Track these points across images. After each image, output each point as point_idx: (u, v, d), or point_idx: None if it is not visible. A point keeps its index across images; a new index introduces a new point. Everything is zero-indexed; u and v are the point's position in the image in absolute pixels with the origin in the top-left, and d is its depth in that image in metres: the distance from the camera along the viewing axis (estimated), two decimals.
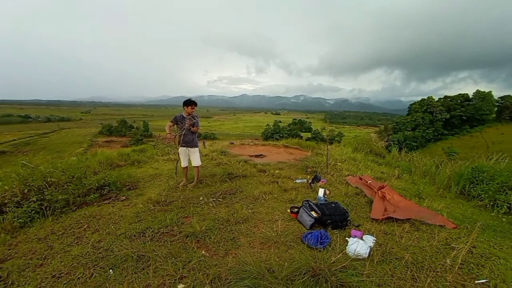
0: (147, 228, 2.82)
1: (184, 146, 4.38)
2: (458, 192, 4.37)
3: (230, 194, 3.92)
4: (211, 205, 3.50)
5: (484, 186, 4.02)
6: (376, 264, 2.02)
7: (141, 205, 3.55)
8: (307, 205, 2.92)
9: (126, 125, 73.11)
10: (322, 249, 2.25)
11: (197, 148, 4.48)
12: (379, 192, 3.73)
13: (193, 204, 3.54)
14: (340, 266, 1.89)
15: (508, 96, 52.96)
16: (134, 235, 2.67)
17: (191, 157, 4.46)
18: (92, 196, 3.89)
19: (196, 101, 4.39)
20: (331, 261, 1.94)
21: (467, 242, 2.48)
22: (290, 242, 2.43)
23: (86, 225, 3.05)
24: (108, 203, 3.80)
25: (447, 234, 2.60)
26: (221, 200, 3.68)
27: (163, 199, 3.68)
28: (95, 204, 3.76)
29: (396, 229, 2.72)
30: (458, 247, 2.31)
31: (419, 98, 57.14)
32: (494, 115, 51.99)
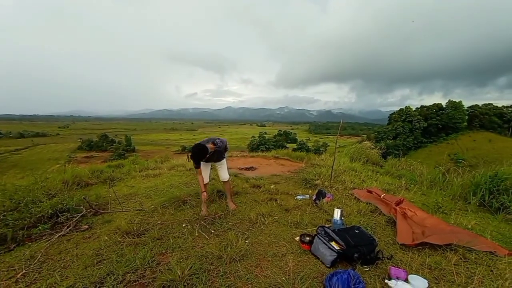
0: (108, 275, 2.02)
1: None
2: (478, 204, 3.90)
3: (220, 218, 3.18)
4: (196, 234, 2.74)
5: (511, 196, 3.56)
6: None
7: (105, 237, 2.72)
8: (323, 232, 2.26)
9: (107, 140, 70.19)
10: None
11: (223, 160, 3.63)
12: (398, 208, 3.14)
13: (173, 233, 2.77)
14: None
15: (476, 105, 56.89)
16: None
17: (219, 171, 3.64)
18: (40, 227, 3.01)
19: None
20: None
21: None
22: None
23: (21, 272, 2.20)
24: (63, 235, 2.93)
25: (507, 265, 2.02)
26: (208, 226, 2.93)
27: (135, 228, 2.87)
28: (44, 238, 2.88)
29: (439, 260, 2.11)
30: None
31: (396, 108, 59.60)
32: (465, 123, 55.01)
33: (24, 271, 2.22)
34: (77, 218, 3.23)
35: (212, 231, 2.81)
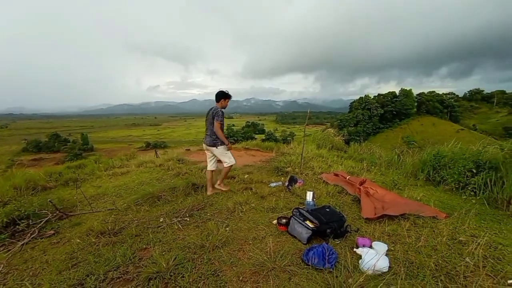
0: (88, 276, 1.97)
1: (204, 143, 3.83)
2: (425, 179, 4.50)
3: (198, 210, 3.22)
4: (176, 227, 2.75)
5: (448, 171, 4.17)
6: (403, 280, 1.64)
7: (78, 240, 2.60)
8: (298, 213, 2.45)
9: (60, 139, 63.41)
10: (332, 270, 1.80)
11: (218, 149, 3.72)
12: (361, 187, 3.50)
13: (151, 228, 2.75)
14: None
15: (423, 93, 63.57)
16: None
17: (219, 158, 3.85)
18: None
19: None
20: (354, 284, 1.49)
21: (467, 232, 2.35)
22: (289, 265, 1.91)
23: None
24: (26, 244, 2.72)
25: (445, 226, 2.43)
26: (188, 219, 2.96)
27: (109, 227, 2.78)
28: (2, 249, 2.65)
29: (396, 228, 2.45)
30: (465, 241, 2.13)
31: (356, 97, 63.80)
32: (415, 109, 61.17)
33: None
34: (41, 223, 2.99)
35: (191, 223, 2.85)
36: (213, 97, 3.73)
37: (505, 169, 3.38)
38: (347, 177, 3.99)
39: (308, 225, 2.25)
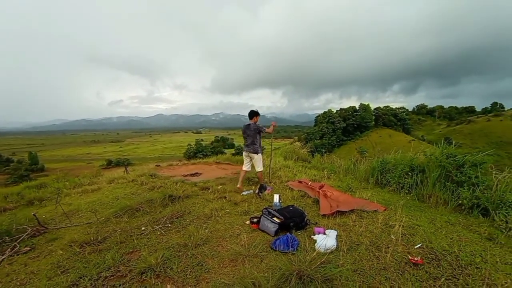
0: (81, 278, 2.17)
1: (247, 151, 4.93)
2: (374, 183, 5.31)
3: (177, 218, 3.51)
4: (158, 233, 3.02)
5: (391, 174, 5.02)
6: (345, 253, 2.18)
7: (61, 252, 2.73)
8: (267, 212, 2.92)
9: (1, 159, 56.28)
10: (294, 252, 2.27)
11: (258, 155, 4.86)
12: (320, 191, 4.11)
13: (135, 236, 2.98)
14: (318, 263, 1.94)
15: (379, 107, 70.19)
16: None
17: (254, 163, 4.88)
18: None
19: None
20: (309, 261, 1.97)
21: (397, 219, 3.02)
22: (261, 252, 2.35)
23: None
24: (3, 260, 2.75)
25: (383, 216, 3.09)
26: (169, 225, 3.24)
27: (93, 238, 2.94)
28: None
29: (346, 220, 3.04)
30: (394, 225, 2.78)
31: (321, 111, 68.15)
32: (373, 122, 67.03)
33: None
34: (21, 238, 3.04)
35: (172, 229, 3.14)
36: (181, 112, 4.31)
37: (429, 171, 4.26)
38: (309, 183, 4.59)
39: (275, 221, 2.73)
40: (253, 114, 4.95)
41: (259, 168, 4.88)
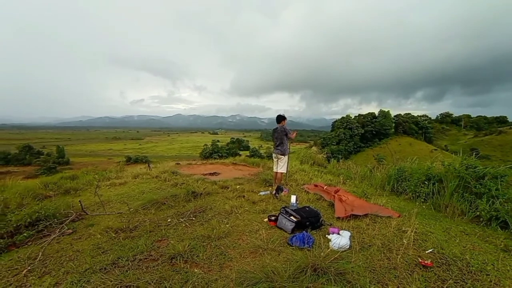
0: (119, 258, 2.48)
1: (276, 152, 5.34)
2: (390, 190, 5.33)
3: (200, 212, 3.79)
4: (183, 225, 3.31)
5: (407, 183, 5.04)
6: (358, 252, 2.34)
7: (99, 236, 3.08)
8: (285, 211, 3.12)
9: (32, 151, 60.22)
10: (310, 248, 2.45)
11: (285, 157, 5.25)
12: (336, 195, 4.24)
13: (162, 226, 3.28)
14: (332, 259, 2.12)
15: (400, 114, 67.89)
16: (105, 268, 2.31)
17: (279, 163, 5.27)
18: (24, 234, 3.16)
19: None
20: (323, 256, 2.15)
21: (410, 226, 3.10)
22: (278, 247, 2.56)
23: (26, 269, 2.46)
24: (51, 240, 3.15)
25: (396, 222, 3.18)
26: (193, 219, 3.53)
27: (125, 226, 3.28)
28: (30, 244, 3.06)
29: (359, 223, 3.17)
30: (406, 230, 2.88)
31: (339, 116, 67.07)
32: (393, 130, 64.98)
33: (29, 268, 2.49)
34: (66, 222, 3.44)
35: (196, 222, 3.42)
36: (198, 113, 4.59)
37: (446, 181, 4.26)
38: (325, 187, 4.73)
39: (292, 219, 2.92)
40: (281, 118, 5.41)
41: (283, 169, 5.19)
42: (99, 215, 3.92)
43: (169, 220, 3.50)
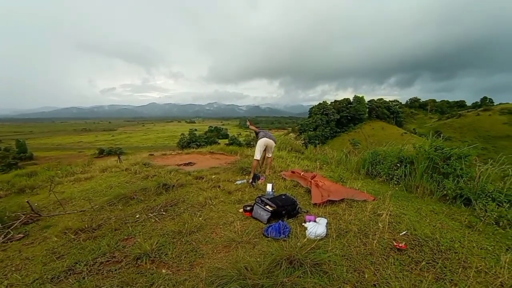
0: (76, 263, 2.21)
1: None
2: (365, 174, 5.44)
3: (171, 206, 3.56)
4: (153, 220, 3.07)
5: (381, 166, 5.16)
6: (335, 240, 2.28)
7: (55, 238, 2.75)
8: (260, 200, 3.00)
9: None
10: (286, 238, 2.36)
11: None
12: (312, 181, 4.20)
13: (130, 223, 3.02)
14: (308, 249, 2.03)
15: (373, 100, 70.61)
16: (58, 276, 2.04)
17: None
18: None
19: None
20: (300, 247, 2.06)
21: (385, 209, 3.14)
22: (253, 239, 2.43)
23: None
24: None
25: (371, 205, 3.21)
26: (164, 213, 3.29)
27: (87, 225, 2.97)
28: None
29: (336, 209, 3.15)
30: (381, 213, 2.90)
31: (316, 103, 68.28)
32: (367, 115, 67.64)
33: None
34: (14, 225, 3.04)
35: (167, 216, 3.19)
36: (174, 101, 4.45)
37: (417, 163, 4.40)
38: (302, 173, 4.68)
39: (268, 209, 2.81)
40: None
41: (255, 156, 5.10)
42: (58, 215, 3.53)
43: (137, 216, 3.23)
